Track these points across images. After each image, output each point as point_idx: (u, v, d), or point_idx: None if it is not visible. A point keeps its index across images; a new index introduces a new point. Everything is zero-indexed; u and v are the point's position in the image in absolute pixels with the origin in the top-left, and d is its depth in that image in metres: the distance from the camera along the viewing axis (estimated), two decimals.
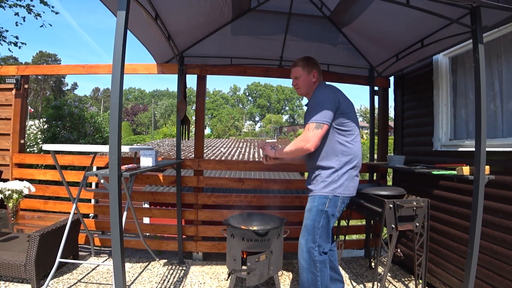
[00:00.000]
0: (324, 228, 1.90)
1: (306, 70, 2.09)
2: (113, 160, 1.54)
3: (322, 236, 1.90)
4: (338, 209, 1.92)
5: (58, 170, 2.67)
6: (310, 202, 1.96)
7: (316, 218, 1.90)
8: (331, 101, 1.89)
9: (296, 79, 2.13)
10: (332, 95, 1.93)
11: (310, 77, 2.10)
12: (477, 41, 1.84)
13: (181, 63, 3.08)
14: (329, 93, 1.95)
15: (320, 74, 2.15)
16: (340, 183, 1.91)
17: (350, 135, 1.96)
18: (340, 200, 1.91)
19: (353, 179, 1.98)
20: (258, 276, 2.30)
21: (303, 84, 2.12)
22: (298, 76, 2.12)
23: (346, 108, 1.95)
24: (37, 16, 7.88)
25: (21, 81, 3.31)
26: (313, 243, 1.90)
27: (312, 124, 1.85)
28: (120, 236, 1.58)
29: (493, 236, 2.09)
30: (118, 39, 1.53)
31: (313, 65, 2.11)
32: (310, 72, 2.10)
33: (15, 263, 2.41)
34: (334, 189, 1.90)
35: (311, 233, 1.90)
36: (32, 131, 6.49)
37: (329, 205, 1.89)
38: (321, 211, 1.89)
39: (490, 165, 2.04)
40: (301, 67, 2.10)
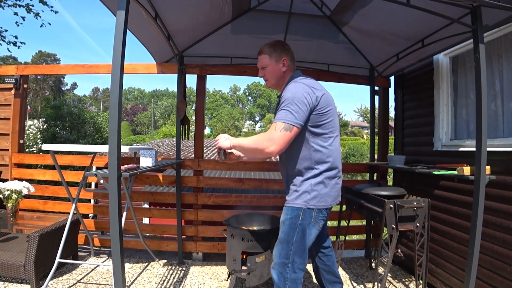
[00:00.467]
0: (298, 243, 1.65)
1: (273, 58, 1.77)
2: (112, 160, 1.53)
3: (296, 252, 1.65)
4: (314, 219, 1.66)
5: (57, 170, 2.66)
6: (283, 214, 1.71)
7: (289, 232, 1.66)
8: (306, 97, 1.58)
9: (262, 69, 1.83)
10: (308, 90, 1.61)
11: (279, 66, 1.77)
12: (478, 40, 1.84)
13: (181, 63, 3.07)
14: (305, 87, 1.61)
15: (292, 61, 1.82)
16: (314, 195, 1.64)
17: (328, 139, 1.68)
18: (315, 212, 1.65)
19: (334, 187, 1.71)
20: (258, 276, 2.29)
21: (271, 75, 1.80)
22: (265, 65, 1.80)
23: (325, 106, 1.64)
24: (37, 15, 7.87)
25: (20, 81, 3.30)
26: (286, 258, 1.67)
27: (281, 123, 1.54)
28: (120, 237, 1.57)
29: (493, 237, 2.09)
30: (118, 38, 1.53)
31: (282, 51, 1.78)
32: (279, 60, 1.77)
33: (14, 264, 2.41)
34: (308, 200, 1.63)
35: (285, 248, 1.67)
36: (31, 131, 6.48)
37: (303, 217, 1.64)
38: (294, 224, 1.64)
39: (490, 165, 2.03)
40: (267, 54, 1.79)
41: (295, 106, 1.55)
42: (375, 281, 2.43)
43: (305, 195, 1.64)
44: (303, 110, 1.56)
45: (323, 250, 2.05)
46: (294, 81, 1.70)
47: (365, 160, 22.09)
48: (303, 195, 1.65)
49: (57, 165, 2.62)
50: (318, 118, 1.63)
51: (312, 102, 1.59)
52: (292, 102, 1.56)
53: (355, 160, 23.91)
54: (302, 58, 3.27)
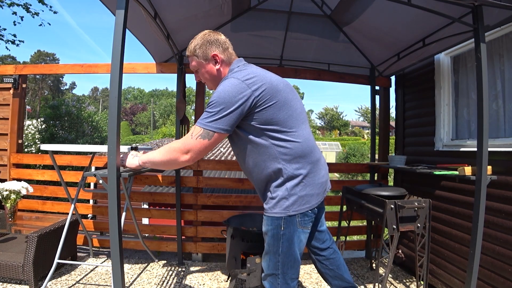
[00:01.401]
0: (285, 253, 1.48)
1: (201, 57, 1.51)
2: (111, 160, 1.52)
3: (286, 263, 1.50)
4: (300, 224, 1.47)
5: (56, 170, 2.65)
6: (264, 225, 1.52)
7: (273, 243, 1.49)
8: (237, 96, 1.33)
9: (196, 72, 1.58)
10: (241, 86, 1.35)
11: (209, 65, 1.51)
12: (479, 40, 1.84)
13: (181, 62, 3.05)
14: (236, 84, 1.35)
15: (226, 52, 1.52)
16: (294, 199, 1.43)
17: (290, 133, 1.43)
18: (298, 217, 1.45)
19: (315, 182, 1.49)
20: (258, 277, 2.27)
21: (206, 77, 1.54)
22: (195, 68, 1.55)
23: (270, 99, 1.38)
24: (35, 15, 7.85)
25: (19, 81, 3.28)
26: (275, 269, 1.52)
27: (199, 129, 1.35)
28: (119, 237, 1.56)
29: (495, 237, 2.08)
30: (117, 38, 1.52)
31: (208, 45, 1.50)
32: (207, 57, 1.50)
33: (12, 264, 2.39)
34: (287, 207, 1.43)
35: (272, 259, 1.52)
36: (30, 131, 6.46)
37: (285, 226, 1.45)
38: (277, 235, 1.46)
39: (492, 165, 2.02)
40: (194, 55, 1.52)
41: (220, 109, 1.33)
42: (375, 282, 2.42)
43: (283, 202, 1.43)
44: (229, 112, 1.33)
45: (322, 253, 1.83)
46: (226, 77, 1.45)
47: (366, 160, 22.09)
48: (281, 202, 1.44)
49: (56, 165, 2.61)
50: (265, 114, 1.38)
51: (249, 100, 1.35)
52: (218, 104, 1.33)
53: (355, 160, 23.94)
54: (302, 57, 3.26)
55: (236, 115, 1.34)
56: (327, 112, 52.05)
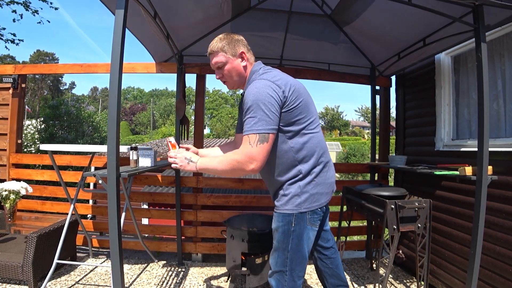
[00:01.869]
0: (294, 250, 1.52)
1: (230, 52, 1.53)
2: (111, 160, 1.53)
3: (294, 260, 1.54)
4: (309, 222, 1.52)
5: (55, 171, 2.64)
6: (275, 221, 1.56)
7: (283, 239, 1.53)
8: (273, 96, 1.37)
9: (219, 69, 1.58)
10: (273, 87, 1.40)
11: (238, 62, 1.55)
12: (480, 40, 1.83)
13: (180, 62, 3.05)
14: (268, 85, 1.40)
15: (250, 52, 1.61)
16: (305, 197, 1.49)
17: (307, 134, 1.50)
18: (308, 214, 1.51)
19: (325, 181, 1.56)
20: (258, 278, 2.28)
21: (232, 74, 1.57)
22: (221, 63, 1.55)
23: (295, 100, 1.44)
24: (35, 12, 7.84)
25: (18, 80, 3.27)
26: (283, 266, 1.55)
27: (254, 136, 1.35)
28: (119, 237, 1.56)
29: (496, 237, 2.07)
30: (117, 38, 1.52)
31: (237, 43, 1.55)
32: (236, 54, 1.54)
33: (12, 265, 2.38)
34: (299, 204, 1.49)
35: (281, 256, 1.55)
36: (29, 131, 6.45)
37: (296, 223, 1.50)
38: (288, 231, 1.51)
39: (493, 165, 2.01)
40: (222, 50, 1.53)
41: (263, 110, 1.35)
42: (376, 282, 2.41)
43: (295, 199, 1.49)
44: (273, 111, 1.37)
45: (325, 252, 1.88)
46: (254, 79, 1.49)
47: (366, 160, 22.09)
48: (293, 199, 1.49)
49: (55, 165, 2.60)
50: (290, 115, 1.44)
51: (280, 100, 1.40)
52: (259, 107, 1.35)
53: (356, 160, 23.93)
54: (303, 57, 3.25)
55: (277, 113, 1.39)
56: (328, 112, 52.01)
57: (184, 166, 1.50)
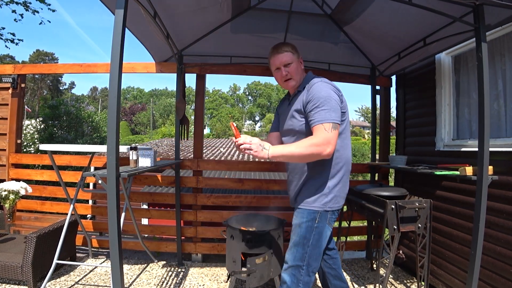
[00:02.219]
0: (314, 246, 1.64)
1: (296, 55, 1.74)
2: (111, 160, 1.52)
3: (312, 255, 1.64)
4: (328, 221, 1.67)
5: (55, 171, 2.64)
6: (299, 217, 1.68)
7: (305, 235, 1.64)
8: (337, 98, 1.59)
9: (285, 67, 1.73)
10: (335, 90, 1.63)
11: (300, 64, 1.77)
12: (480, 39, 1.82)
13: (180, 62, 3.04)
14: (332, 88, 1.62)
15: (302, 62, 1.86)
16: (332, 197, 1.64)
17: (345, 138, 1.69)
18: (330, 213, 1.66)
19: (345, 185, 1.72)
20: (258, 278, 2.27)
21: (295, 72, 1.74)
22: (289, 62, 1.72)
23: (344, 106, 1.66)
24: (35, 12, 7.83)
25: (17, 80, 3.27)
26: (301, 261, 1.65)
27: (328, 124, 1.51)
28: (118, 238, 1.56)
29: (496, 238, 2.07)
30: (116, 37, 1.51)
31: (297, 49, 1.80)
32: (299, 58, 1.77)
33: (11, 265, 2.38)
34: (325, 203, 1.63)
35: (300, 251, 1.65)
36: (29, 130, 6.44)
37: (319, 220, 1.63)
38: (311, 227, 1.63)
39: (493, 165, 2.00)
40: (290, 51, 1.72)
41: (332, 105, 1.54)
42: (376, 283, 2.41)
43: (323, 198, 1.63)
44: (338, 109, 1.57)
45: (328, 252, 1.97)
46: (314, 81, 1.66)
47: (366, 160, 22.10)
48: (321, 198, 1.63)
49: (55, 165, 2.60)
50: (342, 117, 1.63)
51: (340, 101, 1.61)
52: (329, 102, 1.55)
53: (356, 160, 23.94)
54: (303, 57, 3.19)
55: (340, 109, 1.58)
56: None
57: (258, 152, 1.53)
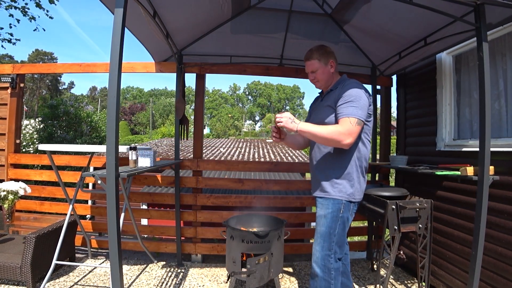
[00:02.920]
0: (339, 234, 1.80)
1: (323, 61, 1.89)
2: (110, 161, 1.51)
3: (338, 243, 1.81)
4: (351, 212, 1.82)
5: (54, 171, 2.63)
6: (324, 208, 1.82)
7: (331, 225, 1.78)
8: (366, 99, 1.75)
9: (313, 73, 1.93)
10: (366, 93, 1.79)
11: (328, 68, 1.90)
12: (481, 39, 1.81)
13: (180, 62, 3.03)
14: (364, 92, 1.78)
15: (337, 64, 1.97)
16: (355, 188, 1.80)
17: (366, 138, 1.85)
18: (352, 204, 1.82)
19: (364, 181, 1.89)
20: (258, 278, 2.26)
21: (322, 77, 1.92)
22: (315, 69, 1.91)
23: (371, 107, 1.84)
24: (32, 19, 7.82)
25: (16, 80, 3.25)
26: (328, 250, 1.79)
27: (354, 119, 1.67)
28: (118, 238, 1.55)
29: (497, 238, 2.06)
30: (116, 37, 1.50)
31: (328, 54, 1.91)
32: (327, 63, 1.89)
33: (10, 266, 2.37)
34: (350, 194, 1.78)
35: (327, 240, 1.79)
36: (27, 130, 6.42)
37: (344, 210, 1.78)
38: (336, 217, 1.78)
39: (494, 165, 2.01)
40: (317, 59, 1.88)
41: (361, 104, 1.70)
42: (377, 283, 2.40)
43: (348, 189, 1.77)
44: (365, 108, 1.73)
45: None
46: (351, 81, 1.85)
47: None
48: (346, 189, 1.77)
49: (54, 165, 2.59)
50: (368, 117, 1.80)
51: (368, 103, 1.77)
52: (359, 100, 1.70)
53: None
54: (303, 56, 3.22)
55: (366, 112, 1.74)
56: None
57: (288, 124, 1.74)
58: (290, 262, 3.23)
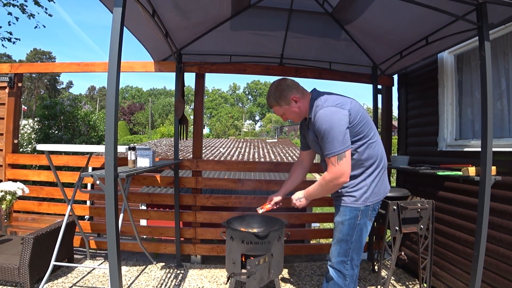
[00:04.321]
0: (357, 241, 1.79)
1: (283, 103, 1.84)
2: (109, 161, 1.51)
3: (355, 250, 1.79)
4: (369, 217, 1.81)
5: (52, 171, 2.62)
6: (341, 215, 1.81)
7: (349, 232, 1.78)
8: (342, 120, 1.67)
9: (283, 115, 1.93)
10: (340, 112, 1.68)
11: (292, 105, 1.85)
12: (483, 38, 1.81)
13: (179, 61, 3.01)
14: (335, 112, 1.68)
15: (298, 89, 1.86)
16: (370, 192, 1.77)
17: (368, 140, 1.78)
18: (370, 208, 1.79)
19: (382, 180, 1.84)
20: (258, 280, 2.24)
21: (292, 115, 1.89)
22: (282, 113, 1.91)
23: (356, 116, 1.73)
24: (31, 16, 7.79)
25: (14, 80, 3.24)
26: (345, 256, 1.79)
27: (334, 157, 1.67)
28: (116, 239, 1.55)
29: (499, 239, 2.05)
30: (114, 36, 1.50)
31: (284, 91, 1.83)
32: (289, 102, 1.83)
33: (8, 267, 2.35)
34: (365, 199, 1.76)
35: (343, 247, 1.80)
36: (25, 130, 6.39)
37: (361, 216, 1.77)
38: (353, 224, 1.77)
39: (496, 165, 1.99)
40: (277, 105, 1.86)
41: (336, 134, 1.65)
42: (378, 285, 2.39)
43: (363, 195, 1.76)
44: (344, 133, 1.66)
45: None
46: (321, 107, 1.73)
47: None
48: (361, 196, 1.76)
49: (52, 165, 2.58)
50: (355, 130, 1.73)
51: (347, 121, 1.69)
52: (332, 132, 1.65)
53: None
54: (304, 56, 3.22)
55: (347, 133, 1.68)
56: None
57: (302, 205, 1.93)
58: (290, 263, 3.21)
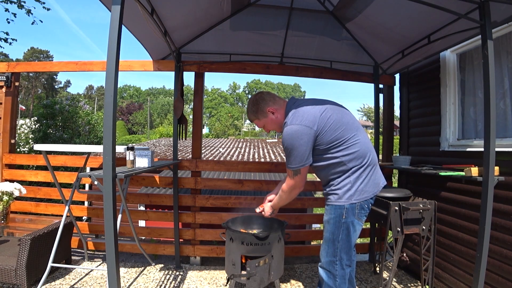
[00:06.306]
0: (344, 240, 1.77)
1: (261, 116, 1.92)
2: (107, 161, 1.51)
3: (343, 249, 1.78)
4: (357, 216, 1.76)
5: (50, 171, 2.60)
6: (327, 213, 1.83)
7: (334, 231, 1.78)
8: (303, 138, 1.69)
9: (264, 127, 2.00)
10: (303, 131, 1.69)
11: (270, 117, 1.91)
12: (486, 37, 1.80)
13: (178, 60, 2.99)
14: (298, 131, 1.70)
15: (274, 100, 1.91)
16: (355, 190, 1.74)
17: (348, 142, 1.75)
18: (357, 206, 1.75)
19: (370, 178, 1.79)
20: (258, 281, 2.23)
21: (273, 126, 1.96)
22: (262, 126, 2.00)
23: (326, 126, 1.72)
24: (28, 12, 7.74)
25: (11, 79, 3.21)
26: (333, 256, 1.79)
27: (291, 171, 1.81)
28: (115, 240, 1.54)
29: (503, 240, 2.04)
30: (113, 35, 1.50)
31: (260, 105, 1.90)
32: (266, 114, 1.90)
33: (5, 268, 2.34)
34: (349, 197, 1.74)
35: (331, 246, 1.79)
36: (23, 130, 6.35)
37: (346, 215, 1.75)
38: (339, 223, 1.76)
39: (499, 165, 1.97)
40: (256, 118, 1.96)
41: (296, 154, 1.72)
42: (379, 286, 2.38)
43: (346, 193, 1.75)
44: (303, 152, 1.71)
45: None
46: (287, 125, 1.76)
47: None
48: (345, 194, 1.75)
49: (50, 165, 2.56)
50: (328, 138, 1.72)
51: (311, 139, 1.71)
52: (292, 150, 1.72)
53: None
54: (304, 55, 3.20)
55: (308, 150, 1.73)
56: None
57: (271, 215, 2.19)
58: (290, 264, 3.19)
